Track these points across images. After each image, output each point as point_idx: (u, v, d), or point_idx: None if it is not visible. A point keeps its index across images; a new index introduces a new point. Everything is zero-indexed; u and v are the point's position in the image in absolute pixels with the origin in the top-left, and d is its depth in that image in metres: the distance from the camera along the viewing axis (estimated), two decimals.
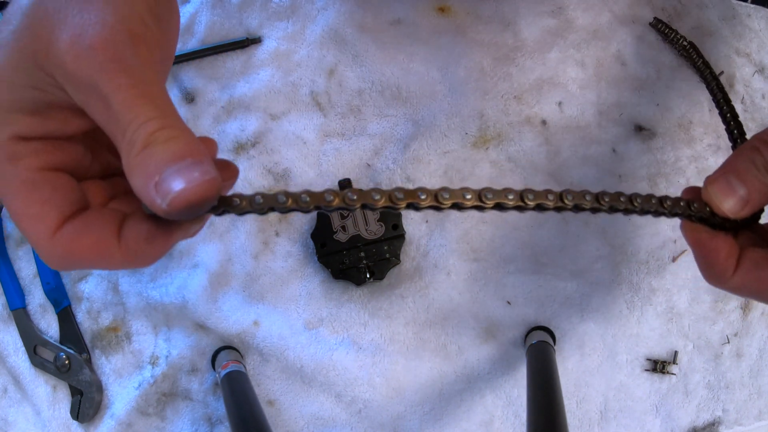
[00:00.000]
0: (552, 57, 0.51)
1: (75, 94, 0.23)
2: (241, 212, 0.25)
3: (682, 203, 0.28)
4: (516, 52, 0.51)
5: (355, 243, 0.46)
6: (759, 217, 0.31)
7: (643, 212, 0.28)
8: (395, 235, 0.47)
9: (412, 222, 0.49)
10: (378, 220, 0.47)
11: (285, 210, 0.25)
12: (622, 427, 0.48)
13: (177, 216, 0.22)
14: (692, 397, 0.48)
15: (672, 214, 0.28)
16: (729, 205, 0.29)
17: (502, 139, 0.50)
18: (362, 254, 0.46)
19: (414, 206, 0.25)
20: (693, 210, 0.29)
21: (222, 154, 0.49)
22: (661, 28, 0.51)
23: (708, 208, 0.29)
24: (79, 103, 0.23)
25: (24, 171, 0.24)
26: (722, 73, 0.52)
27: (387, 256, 0.47)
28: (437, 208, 0.25)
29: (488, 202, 0.25)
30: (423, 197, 0.25)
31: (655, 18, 0.51)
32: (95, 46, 0.22)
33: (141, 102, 0.22)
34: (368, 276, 0.46)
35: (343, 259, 0.46)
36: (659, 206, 0.28)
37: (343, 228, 0.47)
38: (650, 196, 0.28)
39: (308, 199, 0.24)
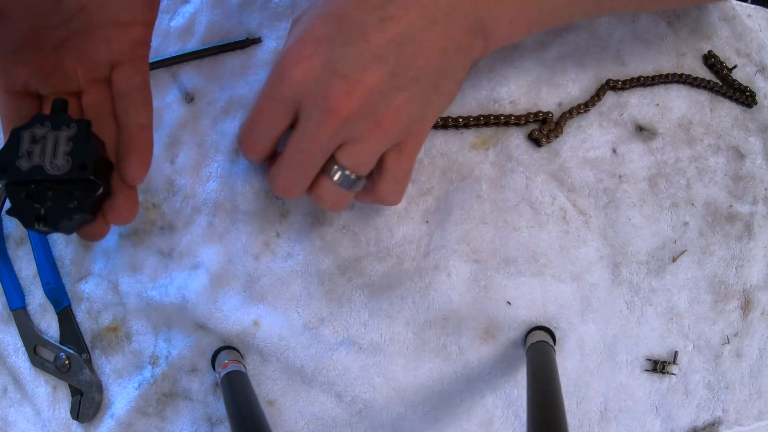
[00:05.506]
0: (551, 57, 0.51)
1: None
2: None
3: None
4: (514, 52, 0.51)
5: (34, 176, 0.34)
6: None
7: None
8: (82, 178, 0.33)
9: (412, 222, 0.49)
10: (68, 153, 0.34)
11: None
12: (622, 427, 0.48)
13: None
14: (692, 397, 0.48)
15: None
16: None
17: (502, 140, 0.50)
18: (50, 194, 0.34)
19: None
20: None
21: (222, 155, 0.49)
22: (713, 63, 0.51)
23: None
24: None
25: None
26: (735, 66, 0.52)
27: (74, 205, 0.34)
28: None
29: None
30: None
31: (709, 51, 0.51)
32: None
33: None
34: (37, 220, 0.34)
35: (27, 193, 0.34)
36: None
37: (29, 154, 0.34)
38: None
39: None
